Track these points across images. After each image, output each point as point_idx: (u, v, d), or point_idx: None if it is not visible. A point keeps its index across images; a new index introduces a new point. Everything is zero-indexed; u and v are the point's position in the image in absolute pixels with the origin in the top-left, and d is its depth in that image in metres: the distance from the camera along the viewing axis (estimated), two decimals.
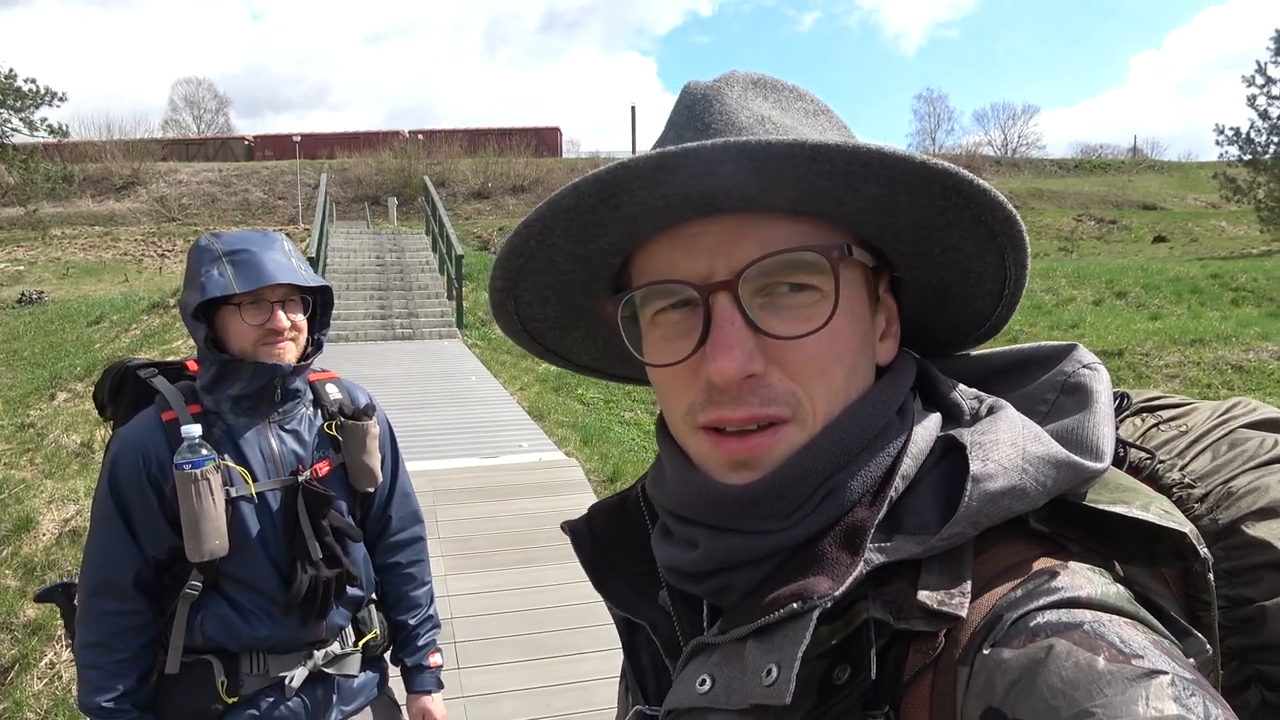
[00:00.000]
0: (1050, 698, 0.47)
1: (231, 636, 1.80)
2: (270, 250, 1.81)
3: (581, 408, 10.11)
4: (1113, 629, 0.50)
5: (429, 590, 2.16)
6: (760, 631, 0.58)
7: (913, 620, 0.55)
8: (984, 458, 0.58)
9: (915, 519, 0.59)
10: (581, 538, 0.79)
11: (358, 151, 44.58)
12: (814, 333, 0.61)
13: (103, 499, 1.76)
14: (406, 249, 18.10)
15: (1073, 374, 0.67)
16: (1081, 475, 0.59)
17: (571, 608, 4.51)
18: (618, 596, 0.75)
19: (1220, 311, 13.00)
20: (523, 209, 40.31)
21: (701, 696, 0.61)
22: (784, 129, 0.64)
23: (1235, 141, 28.03)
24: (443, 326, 13.93)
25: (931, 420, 0.65)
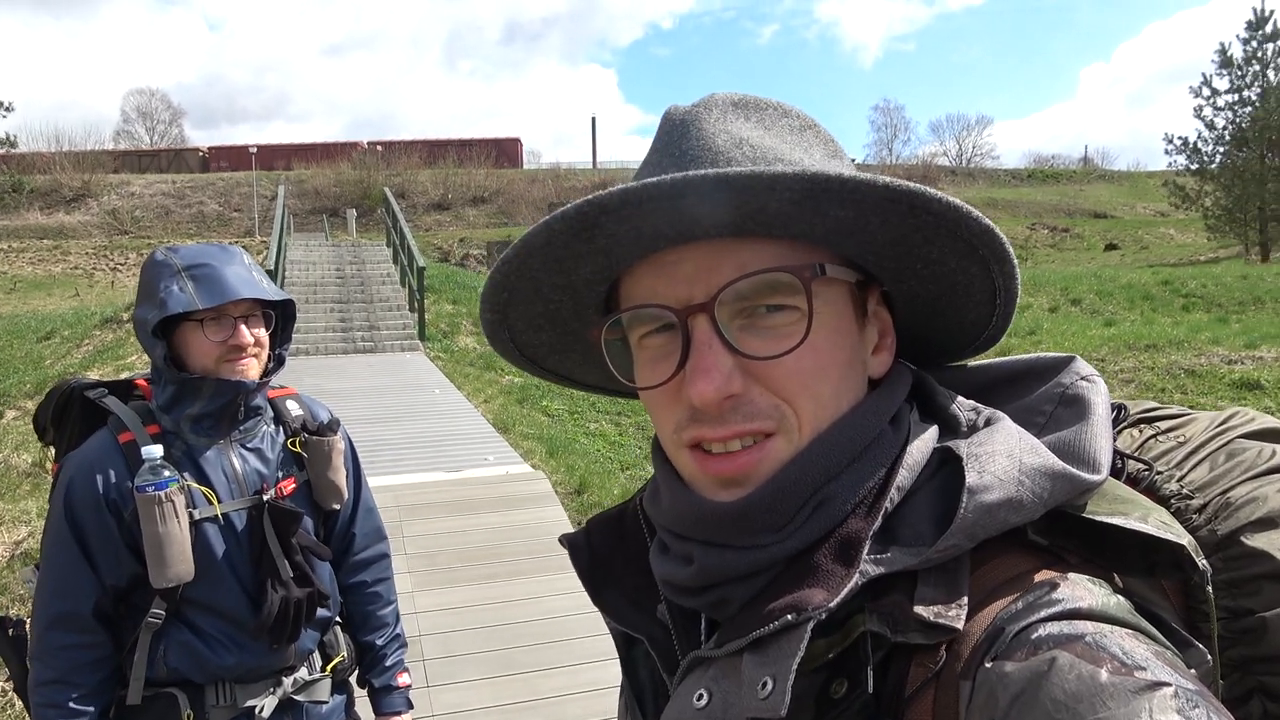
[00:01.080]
0: (1054, 711, 0.47)
1: (197, 666, 1.73)
2: (231, 264, 1.76)
3: (546, 419, 10.06)
4: (1114, 640, 0.50)
5: (395, 609, 2.12)
6: (756, 644, 0.58)
7: (909, 633, 0.55)
8: (980, 469, 0.58)
9: (911, 531, 0.59)
10: (580, 551, 0.78)
11: (315, 163, 44.16)
12: (790, 352, 0.61)
13: (56, 526, 1.68)
14: (367, 261, 17.94)
15: (1070, 386, 0.67)
16: (1078, 487, 0.59)
17: (541, 623, 4.47)
18: (615, 610, 0.74)
19: (1172, 317, 13.29)
20: (483, 220, 40.20)
21: (698, 711, 0.60)
22: (762, 151, 0.64)
23: (1184, 151, 28.76)
24: (405, 339, 13.81)
25: (929, 432, 0.65)
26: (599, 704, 3.83)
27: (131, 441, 1.70)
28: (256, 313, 1.80)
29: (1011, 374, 0.72)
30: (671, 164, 0.64)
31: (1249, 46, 27.65)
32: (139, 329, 1.75)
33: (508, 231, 34.94)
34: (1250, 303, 13.81)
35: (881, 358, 0.68)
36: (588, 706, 3.81)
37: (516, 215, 40.91)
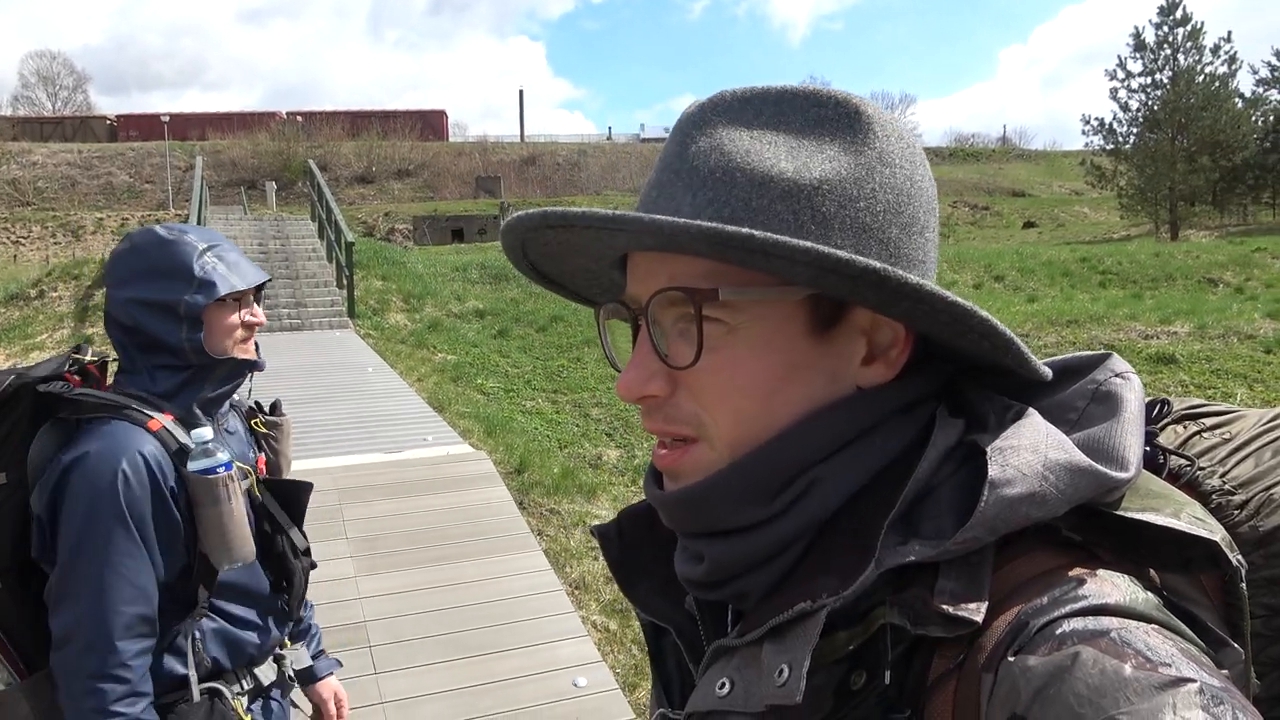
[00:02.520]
0: (1076, 705, 0.47)
1: (234, 653, 1.72)
2: (228, 243, 1.79)
3: (482, 398, 9.96)
4: (1139, 636, 0.49)
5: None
6: (774, 633, 0.59)
7: (930, 626, 0.54)
8: (1003, 463, 0.57)
9: (933, 524, 0.58)
10: (610, 542, 0.79)
11: (232, 133, 42.82)
12: (690, 366, 0.63)
13: (108, 527, 1.52)
14: (291, 236, 17.42)
15: (1104, 383, 0.66)
16: (1104, 484, 0.58)
17: (491, 604, 4.43)
18: (644, 601, 0.75)
19: (1090, 293, 13.76)
20: (409, 194, 39.47)
21: (720, 699, 0.61)
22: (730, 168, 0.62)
23: (1100, 132, 29.72)
24: (333, 316, 13.48)
25: (955, 426, 0.64)
26: (554, 684, 3.81)
27: (162, 429, 1.61)
28: (258, 295, 1.83)
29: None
30: (668, 178, 0.66)
31: (1160, 31, 28.66)
32: (148, 310, 1.64)
33: (434, 205, 34.37)
34: (1162, 279, 14.39)
35: (876, 369, 0.65)
36: (543, 687, 3.79)
37: (443, 189, 40.26)
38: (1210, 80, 28.59)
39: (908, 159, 0.64)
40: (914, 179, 0.64)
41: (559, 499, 6.34)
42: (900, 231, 0.63)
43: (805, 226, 0.60)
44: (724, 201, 0.61)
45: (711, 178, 0.62)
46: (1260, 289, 13.27)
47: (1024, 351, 0.63)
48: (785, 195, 0.61)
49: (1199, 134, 28.15)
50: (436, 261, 16.70)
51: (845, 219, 0.61)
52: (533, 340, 12.35)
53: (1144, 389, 0.67)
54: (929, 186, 0.67)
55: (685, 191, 0.63)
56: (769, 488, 0.64)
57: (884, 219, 0.62)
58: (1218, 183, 29.54)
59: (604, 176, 44.30)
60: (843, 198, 0.61)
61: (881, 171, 0.62)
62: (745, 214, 0.60)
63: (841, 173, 0.61)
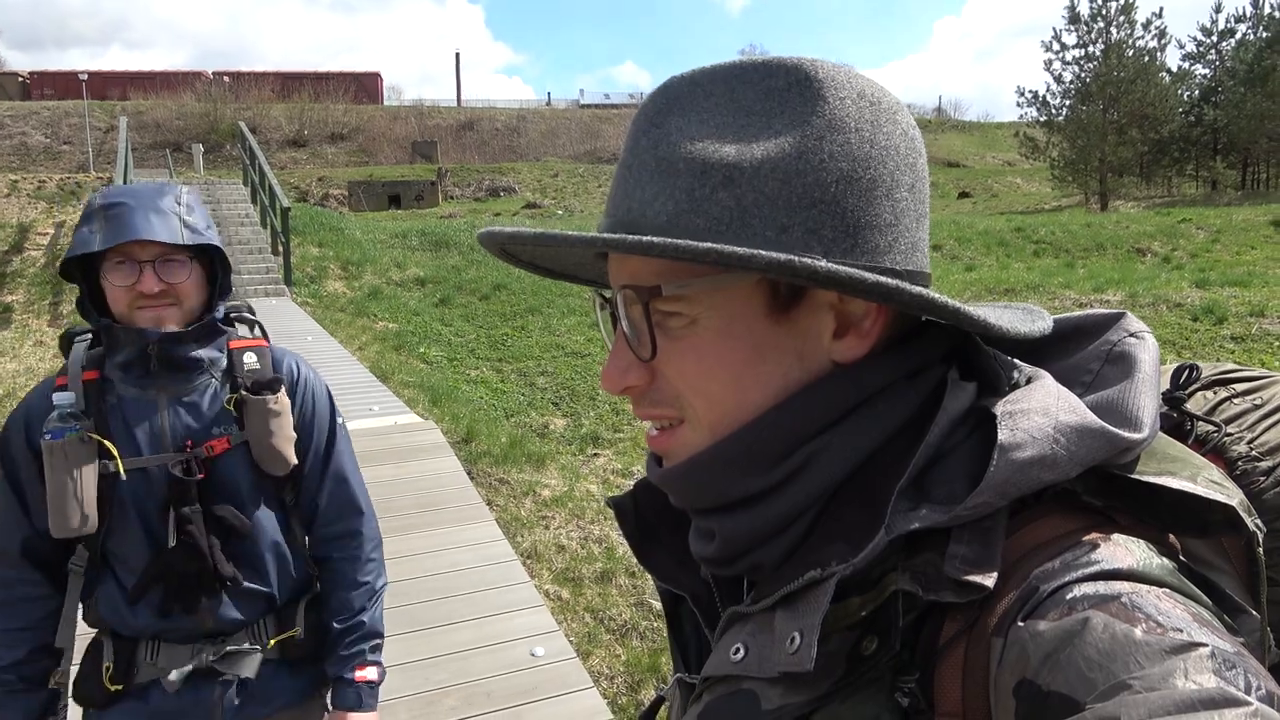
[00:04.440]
0: (1086, 670, 0.47)
1: (119, 619, 1.71)
2: (152, 203, 1.65)
3: (425, 367, 9.83)
4: (1150, 600, 0.49)
5: (366, 592, 1.91)
6: (786, 601, 0.60)
7: (941, 591, 0.54)
8: (1013, 427, 0.57)
9: (944, 489, 0.58)
10: (625, 512, 0.79)
11: (155, 93, 41.33)
12: (651, 358, 0.65)
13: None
14: (222, 200, 16.85)
15: (1118, 343, 0.66)
16: (1116, 445, 0.57)
17: (443, 576, 4.37)
18: (661, 569, 0.76)
19: (1025, 262, 14.06)
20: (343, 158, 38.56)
21: (735, 664, 0.62)
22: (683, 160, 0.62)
23: (1034, 104, 30.27)
24: (269, 284, 13.13)
25: (966, 391, 0.63)
26: (511, 655, 3.79)
27: (64, 385, 1.67)
28: (175, 258, 1.67)
29: (1060, 333, 0.71)
30: (621, 163, 0.67)
31: (1094, 3, 29.18)
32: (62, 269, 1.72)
33: (369, 170, 33.62)
34: (1094, 249, 14.76)
35: (849, 342, 0.63)
36: (500, 658, 3.76)
37: (378, 154, 39.39)
38: (1140, 54, 29.30)
39: (867, 119, 0.61)
40: (875, 140, 0.61)
41: (507, 468, 6.30)
42: (859, 199, 0.60)
43: (748, 212, 0.59)
44: (668, 195, 0.61)
45: (658, 171, 0.62)
46: (1186, 259, 13.71)
47: (996, 327, 0.61)
48: (727, 181, 0.60)
49: (1129, 107, 28.86)
50: (375, 228, 16.35)
51: (791, 197, 0.59)
52: (476, 308, 12.20)
53: (1159, 348, 0.66)
54: (901, 141, 0.63)
55: (636, 186, 0.63)
56: (761, 460, 0.64)
57: (837, 189, 0.60)
58: (1145, 155, 30.39)
59: (543, 142, 43.80)
60: (786, 174, 0.59)
61: (832, 140, 0.60)
62: (689, 205, 0.60)
63: (785, 149, 0.60)
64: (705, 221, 0.60)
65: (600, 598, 4.65)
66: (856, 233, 0.60)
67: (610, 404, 8.73)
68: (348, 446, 1.94)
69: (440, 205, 28.22)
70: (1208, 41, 33.27)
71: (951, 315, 0.59)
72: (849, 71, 0.63)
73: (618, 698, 3.86)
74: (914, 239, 0.64)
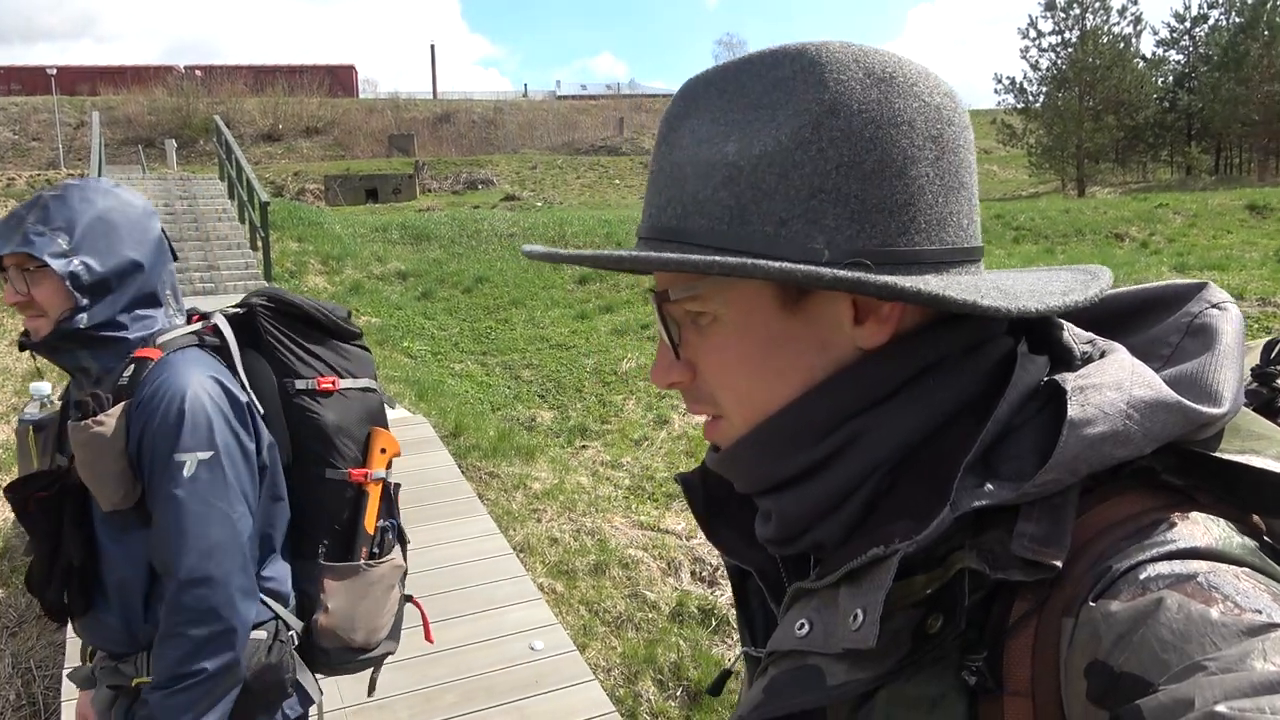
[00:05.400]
0: (1160, 650, 0.46)
1: None
2: (14, 213, 1.62)
3: (410, 361, 9.76)
4: (1229, 580, 0.48)
5: (164, 670, 1.53)
6: (850, 577, 0.59)
7: (1009, 570, 0.53)
8: (1083, 402, 0.56)
9: (1012, 465, 0.57)
10: (694, 489, 0.80)
11: (126, 88, 40.75)
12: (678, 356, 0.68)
13: None
14: (199, 196, 16.61)
15: (1199, 314, 0.65)
16: (1194, 421, 0.56)
17: (435, 572, 4.35)
18: (728, 545, 0.77)
19: (1004, 249, 14.10)
20: (318, 152, 38.20)
21: (800, 640, 0.62)
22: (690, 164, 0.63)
23: (1011, 91, 30.44)
24: (249, 279, 12.98)
25: (1036, 365, 0.62)
26: (510, 649, 3.77)
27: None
28: (28, 267, 1.62)
29: (1140, 304, 0.69)
30: (650, 170, 0.68)
31: None
32: None
33: (345, 164, 33.33)
34: (1072, 235, 14.84)
35: (869, 328, 0.62)
36: (494, 653, 3.75)
37: (354, 147, 39.09)
38: (1116, 40, 29.53)
39: (874, 98, 0.60)
40: (883, 118, 0.60)
41: (497, 462, 6.26)
42: (864, 183, 0.59)
43: (747, 209, 0.60)
44: (677, 200, 0.63)
45: (669, 178, 0.64)
46: (1164, 243, 13.82)
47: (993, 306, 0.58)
48: (727, 181, 0.60)
49: (1105, 93, 29.10)
50: (354, 222, 16.21)
51: (789, 189, 0.59)
52: (458, 302, 12.13)
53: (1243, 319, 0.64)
54: (919, 115, 0.61)
55: (656, 193, 0.65)
56: (803, 439, 0.64)
57: (838, 176, 0.59)
58: (1121, 141, 30.63)
59: (521, 134, 43.59)
60: (783, 167, 0.59)
61: (831, 124, 0.59)
62: (694, 208, 0.62)
63: (782, 140, 0.59)
64: (708, 222, 0.61)
65: (594, 590, 4.63)
66: (864, 218, 0.59)
67: (597, 396, 8.71)
68: (190, 494, 1.55)
69: (418, 198, 28.02)
70: (1181, 28, 33.56)
71: (945, 304, 0.57)
72: (859, 50, 0.62)
73: (615, 690, 3.86)
74: (939, 214, 0.62)
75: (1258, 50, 29.12)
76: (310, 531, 1.80)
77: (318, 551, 1.80)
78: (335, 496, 1.81)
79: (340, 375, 1.84)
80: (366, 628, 1.82)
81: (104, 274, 1.62)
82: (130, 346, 1.66)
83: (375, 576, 1.85)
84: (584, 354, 9.84)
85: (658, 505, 5.95)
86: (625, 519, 5.60)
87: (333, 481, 1.80)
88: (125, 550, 1.62)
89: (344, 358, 1.86)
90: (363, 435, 1.86)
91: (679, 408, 7.83)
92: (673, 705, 3.83)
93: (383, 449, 1.87)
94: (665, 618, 4.42)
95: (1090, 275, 0.67)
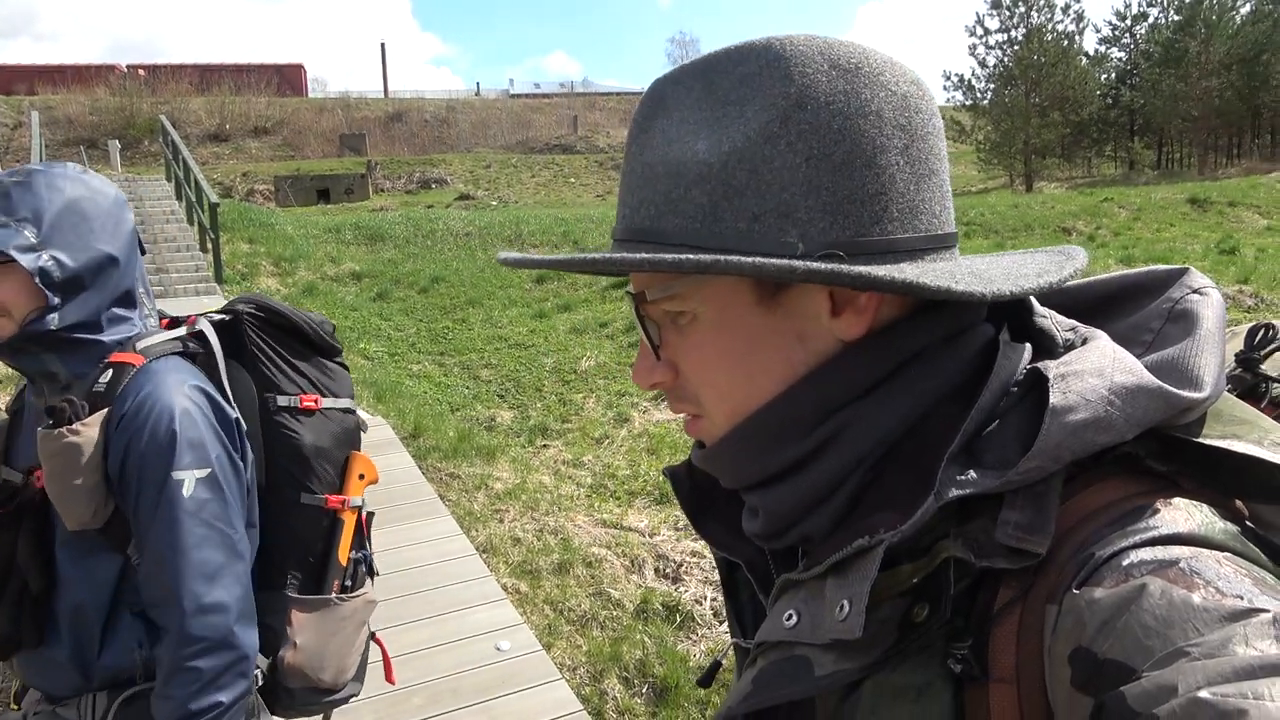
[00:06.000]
0: (1143, 637, 0.46)
1: None
2: None
3: (366, 363, 9.65)
4: (1210, 565, 0.48)
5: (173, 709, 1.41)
6: (836, 568, 0.59)
7: (994, 558, 0.53)
8: (1065, 389, 0.56)
9: (995, 454, 0.57)
10: (681, 481, 0.80)
11: (66, 88, 39.65)
12: (659, 356, 0.68)
13: None
14: (145, 198, 16.25)
15: (1180, 300, 0.65)
16: (1175, 406, 0.56)
17: (398, 575, 4.30)
18: (716, 537, 0.77)
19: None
20: (268, 153, 37.55)
21: (788, 631, 0.62)
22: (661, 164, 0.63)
23: (960, 87, 30.90)
24: (199, 282, 12.72)
25: (1018, 353, 0.62)
26: (476, 650, 3.75)
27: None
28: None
29: (1120, 290, 0.70)
30: (622, 171, 0.68)
31: None
32: None
33: (295, 165, 32.82)
34: (1022, 229, 15.09)
35: (846, 320, 0.63)
36: (459, 655, 3.73)
37: (305, 147, 38.47)
38: (1060, 38, 30.11)
39: (840, 89, 0.60)
40: (850, 109, 0.60)
41: (457, 463, 6.22)
42: (833, 175, 0.59)
43: (719, 206, 0.60)
44: (650, 200, 0.63)
45: (641, 178, 0.64)
46: (1110, 237, 14.11)
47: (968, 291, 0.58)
48: (699, 179, 0.60)
49: (1050, 90, 29.66)
50: (306, 223, 15.97)
51: (759, 185, 0.59)
52: (414, 302, 12.01)
53: (1224, 304, 0.65)
54: (887, 104, 0.61)
55: (629, 194, 0.65)
56: (789, 433, 0.64)
57: (807, 169, 0.59)
58: (1066, 136, 31.24)
59: (474, 133, 43.24)
60: (753, 163, 0.59)
61: (799, 117, 0.59)
62: (667, 207, 0.62)
63: (750, 135, 0.59)
64: (682, 221, 0.61)
65: (559, 589, 4.62)
66: (836, 209, 0.59)
67: (557, 395, 8.68)
68: (191, 515, 1.45)
69: (371, 198, 27.68)
70: (1122, 25, 34.39)
71: (919, 291, 0.57)
72: (824, 42, 0.62)
73: (581, 688, 3.85)
74: (911, 202, 0.62)
75: (1196, 47, 29.91)
76: (279, 561, 1.66)
77: (286, 583, 1.66)
78: (309, 523, 1.68)
79: (323, 394, 1.72)
80: (335, 667, 1.68)
81: (77, 270, 1.47)
82: (105, 350, 1.52)
83: (347, 612, 1.72)
84: (543, 353, 9.81)
85: (620, 503, 5.95)
86: (588, 517, 5.59)
87: (308, 507, 1.67)
88: (86, 575, 1.49)
89: (328, 375, 1.75)
90: (341, 459, 1.73)
91: (639, 405, 7.84)
92: (639, 702, 3.84)
93: (361, 475, 1.74)
94: (630, 615, 4.43)
95: (1065, 256, 0.68)
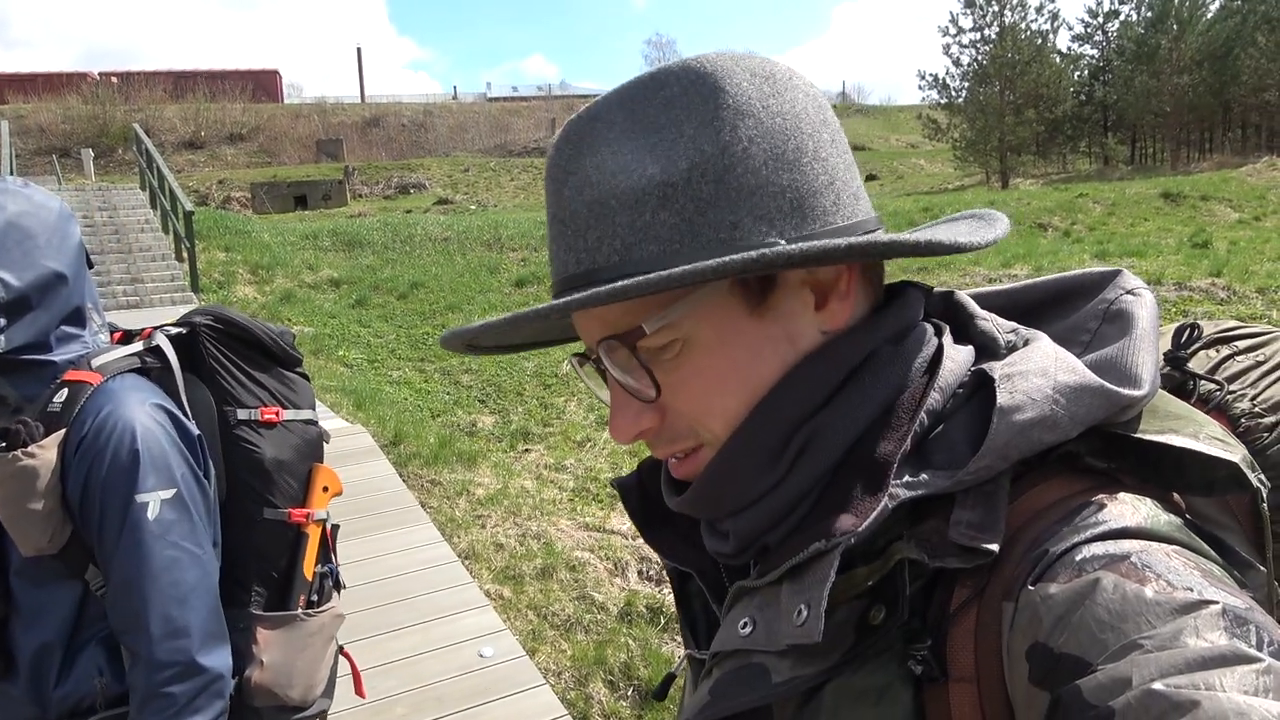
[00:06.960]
0: (1098, 631, 0.47)
1: None
2: None
3: (346, 370, 9.61)
4: (1160, 559, 0.50)
5: None
6: (792, 573, 0.59)
7: (947, 558, 0.54)
8: (1011, 389, 0.57)
9: (945, 454, 0.58)
10: (630, 491, 0.79)
11: (36, 96, 39.30)
12: (657, 397, 0.63)
13: None
14: (119, 207, 16.12)
15: (1115, 301, 0.66)
16: (1116, 403, 0.57)
17: (384, 582, 4.29)
18: (667, 547, 0.76)
19: None
20: (244, 159, 37.31)
21: (743, 639, 0.62)
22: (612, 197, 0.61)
23: (935, 86, 31.10)
24: (175, 291, 12.64)
25: (962, 355, 0.64)
26: (459, 657, 3.74)
27: None
28: None
29: (1057, 293, 0.71)
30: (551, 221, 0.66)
31: None
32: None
33: (272, 171, 32.61)
34: None
35: (832, 308, 0.64)
36: (445, 662, 3.71)
37: (281, 154, 38.26)
38: (1034, 36, 30.37)
39: (768, 94, 0.61)
40: (783, 111, 0.61)
41: (439, 469, 6.20)
42: (790, 172, 0.60)
43: (693, 222, 0.59)
44: (612, 235, 0.60)
45: (591, 217, 0.61)
46: (1085, 232, 14.24)
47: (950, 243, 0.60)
48: (664, 201, 0.59)
49: (1025, 87, 29.92)
50: (283, 230, 15.86)
51: (729, 193, 0.59)
52: (394, 308, 11.96)
53: (1157, 304, 0.66)
54: (806, 104, 0.63)
55: (577, 237, 0.62)
56: (770, 452, 0.63)
57: (767, 171, 0.60)
58: (1041, 133, 31.52)
59: (452, 137, 43.15)
60: (717, 173, 0.59)
61: (745, 125, 0.60)
62: (634, 237, 0.60)
63: (705, 148, 0.59)
64: (659, 246, 0.59)
65: (542, 594, 4.61)
66: (802, 204, 0.60)
67: (538, 399, 8.67)
68: (156, 538, 1.41)
69: (349, 204, 27.55)
70: (1095, 23, 34.74)
71: (912, 249, 0.59)
72: (732, 56, 0.63)
73: (566, 693, 3.84)
74: (853, 189, 0.64)
75: (1167, 44, 30.24)
76: (242, 577, 1.61)
77: (250, 599, 1.62)
78: (272, 538, 1.64)
79: (284, 405, 1.67)
80: (304, 684, 1.63)
81: (23, 290, 1.42)
82: (56, 370, 1.47)
83: (314, 627, 1.67)
84: (523, 357, 9.78)
85: (603, 506, 5.95)
86: (571, 521, 5.58)
87: (270, 522, 1.63)
88: (43, 603, 1.43)
89: (288, 387, 1.70)
90: (304, 471, 1.69)
91: None
92: (624, 705, 3.84)
93: (325, 487, 1.71)
94: (614, 618, 4.42)
95: (984, 219, 0.68)
